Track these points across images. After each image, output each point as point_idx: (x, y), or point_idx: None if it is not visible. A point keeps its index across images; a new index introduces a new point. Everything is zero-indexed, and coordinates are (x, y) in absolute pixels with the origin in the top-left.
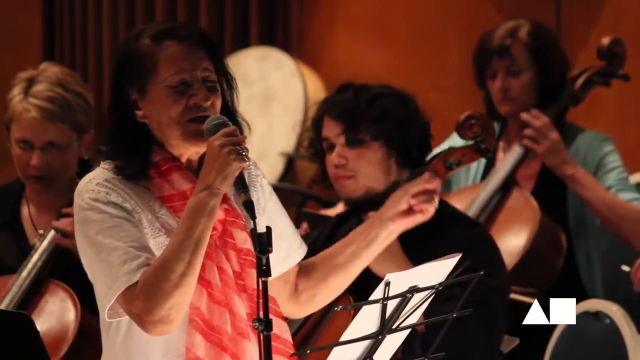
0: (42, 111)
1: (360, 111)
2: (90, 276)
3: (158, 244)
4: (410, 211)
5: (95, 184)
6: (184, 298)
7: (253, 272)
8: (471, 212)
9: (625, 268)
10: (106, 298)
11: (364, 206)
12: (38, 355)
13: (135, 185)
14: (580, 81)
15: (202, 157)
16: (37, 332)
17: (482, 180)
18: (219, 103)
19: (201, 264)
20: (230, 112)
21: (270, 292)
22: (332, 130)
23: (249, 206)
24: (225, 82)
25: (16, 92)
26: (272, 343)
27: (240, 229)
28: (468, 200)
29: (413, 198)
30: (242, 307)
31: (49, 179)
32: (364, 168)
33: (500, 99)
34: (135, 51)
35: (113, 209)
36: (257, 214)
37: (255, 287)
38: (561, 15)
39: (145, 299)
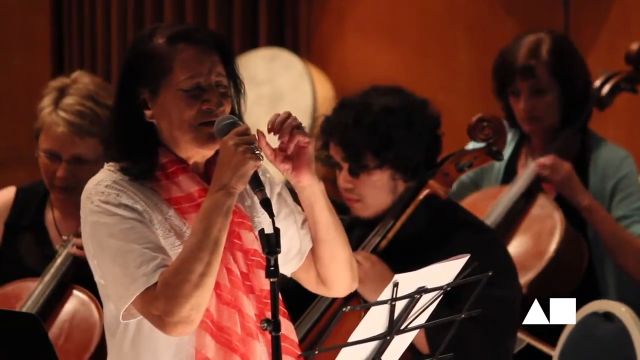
0: (71, 126)
1: (361, 142)
2: (100, 278)
3: (169, 244)
4: (297, 160)
5: (104, 186)
6: (204, 298)
7: (261, 273)
8: (494, 216)
9: None
10: (122, 301)
11: (377, 220)
12: (46, 357)
13: (142, 186)
14: (607, 87)
15: (209, 161)
16: (45, 333)
17: (502, 184)
18: (229, 108)
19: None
20: (236, 115)
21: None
22: (336, 153)
23: (266, 204)
24: (234, 86)
25: (46, 103)
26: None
27: (248, 230)
28: (490, 203)
29: (283, 152)
30: (250, 308)
31: (75, 190)
32: (370, 192)
33: (524, 118)
34: (149, 51)
35: (124, 210)
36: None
37: (263, 287)
38: (570, 16)
39: (166, 300)
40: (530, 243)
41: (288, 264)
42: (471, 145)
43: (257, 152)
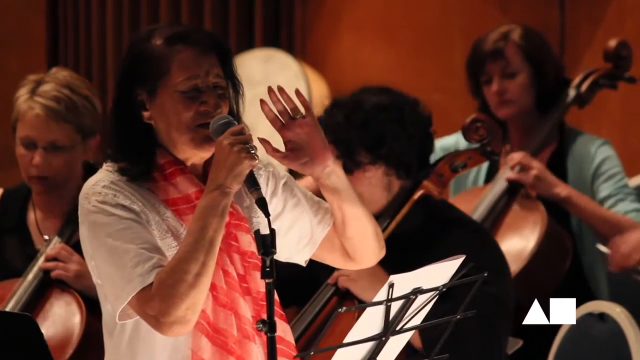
0: (46, 109)
1: (354, 139)
2: (98, 279)
3: (166, 245)
4: (310, 146)
5: (102, 186)
6: (200, 298)
7: (257, 275)
8: (477, 215)
9: (602, 248)
10: (118, 300)
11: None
12: (42, 357)
13: (140, 187)
14: (586, 83)
15: (207, 162)
16: (41, 333)
17: (486, 183)
18: (226, 109)
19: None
20: (234, 116)
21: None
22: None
23: (262, 204)
24: (232, 87)
25: (23, 92)
26: (277, 345)
27: (245, 232)
28: (473, 203)
29: (294, 149)
30: (247, 310)
31: (51, 180)
32: (364, 189)
33: (497, 103)
34: (146, 52)
35: (121, 211)
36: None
37: (260, 290)
38: (565, 16)
39: (161, 300)
40: (512, 239)
41: (300, 253)
42: (450, 137)
43: (253, 151)
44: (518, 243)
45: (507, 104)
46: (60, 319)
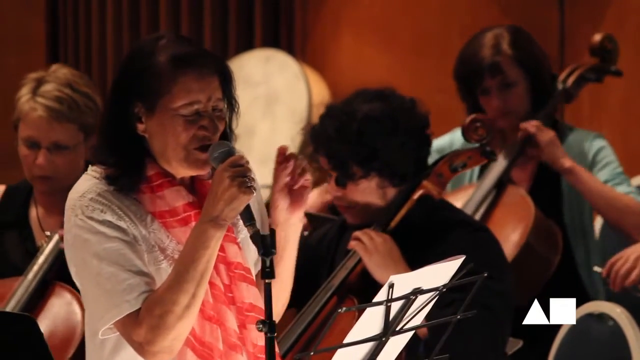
0: (49, 110)
1: (346, 153)
2: (82, 291)
3: (153, 259)
4: (294, 196)
5: (89, 199)
6: (187, 328)
7: (243, 286)
8: (467, 211)
9: (597, 269)
10: (101, 321)
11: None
12: (42, 358)
13: (127, 197)
14: (572, 79)
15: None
16: (41, 334)
17: (479, 179)
18: (222, 128)
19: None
20: (227, 134)
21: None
22: (324, 163)
23: (257, 239)
24: (228, 104)
25: (24, 92)
26: (261, 344)
27: (232, 242)
28: (464, 200)
29: (288, 189)
30: (233, 321)
31: (55, 180)
32: (359, 199)
33: (499, 115)
34: (149, 68)
35: (107, 228)
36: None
37: (245, 300)
38: (565, 16)
39: (148, 330)
40: (502, 232)
41: (254, 269)
42: (444, 137)
43: (251, 184)
44: (507, 235)
45: (509, 115)
46: (61, 318)
